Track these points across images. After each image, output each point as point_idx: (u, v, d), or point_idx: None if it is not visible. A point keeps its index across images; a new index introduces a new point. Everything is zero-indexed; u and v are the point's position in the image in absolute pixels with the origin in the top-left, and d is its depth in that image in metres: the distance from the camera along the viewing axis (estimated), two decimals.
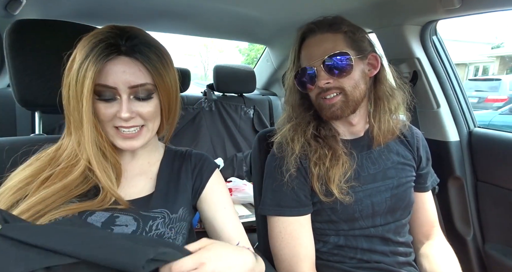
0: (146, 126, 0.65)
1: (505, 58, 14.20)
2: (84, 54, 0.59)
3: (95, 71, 0.57)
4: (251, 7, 1.31)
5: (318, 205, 0.88)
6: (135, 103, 0.62)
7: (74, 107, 0.60)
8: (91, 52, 0.58)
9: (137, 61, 0.62)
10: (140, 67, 0.62)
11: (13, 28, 0.79)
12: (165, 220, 0.68)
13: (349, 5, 1.14)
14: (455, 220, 1.28)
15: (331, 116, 0.87)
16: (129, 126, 0.62)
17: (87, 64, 0.58)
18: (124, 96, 0.61)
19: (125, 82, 0.60)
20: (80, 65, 0.58)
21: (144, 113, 0.63)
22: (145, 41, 0.64)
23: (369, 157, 0.92)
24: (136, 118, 0.63)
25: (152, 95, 0.64)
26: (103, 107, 0.61)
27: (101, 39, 0.60)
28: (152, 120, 0.65)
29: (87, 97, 0.58)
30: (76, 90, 0.59)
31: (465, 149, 1.26)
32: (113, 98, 0.61)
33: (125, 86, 0.60)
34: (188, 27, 1.71)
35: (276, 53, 2.12)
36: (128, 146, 0.64)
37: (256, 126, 2.10)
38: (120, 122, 0.62)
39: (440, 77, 1.25)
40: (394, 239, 0.90)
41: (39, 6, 1.25)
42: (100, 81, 0.59)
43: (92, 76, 0.57)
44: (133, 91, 0.62)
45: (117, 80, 0.60)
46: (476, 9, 0.99)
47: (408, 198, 0.92)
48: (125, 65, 0.61)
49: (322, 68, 0.83)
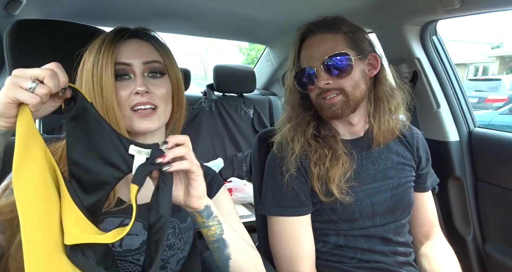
0: (159, 107, 0.65)
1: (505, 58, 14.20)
2: (99, 43, 0.62)
3: (113, 52, 0.61)
4: (251, 7, 1.31)
5: (318, 205, 0.88)
6: (149, 81, 0.64)
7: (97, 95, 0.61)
8: (105, 38, 0.62)
9: (148, 42, 0.67)
10: (151, 47, 0.67)
11: (13, 28, 0.79)
12: (175, 230, 0.68)
13: (349, 5, 1.14)
14: (455, 220, 1.28)
15: (331, 115, 0.87)
16: (144, 101, 0.63)
17: (103, 49, 0.61)
18: (138, 71, 0.63)
19: (140, 58, 0.63)
20: (96, 54, 0.61)
21: (158, 93, 0.64)
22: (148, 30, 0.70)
23: (369, 157, 0.92)
24: (151, 95, 0.64)
25: (164, 75, 0.67)
26: (119, 88, 0.62)
27: (112, 30, 0.65)
28: (164, 102, 0.66)
29: (110, 77, 0.60)
30: (98, 75, 0.60)
31: (465, 149, 1.26)
32: (127, 76, 0.63)
33: (139, 62, 0.63)
34: (188, 27, 1.71)
35: (276, 53, 2.12)
36: (145, 127, 0.64)
37: (256, 126, 2.10)
38: (136, 99, 0.62)
39: (440, 77, 1.25)
40: (394, 239, 0.90)
41: (39, 6, 1.25)
42: (116, 60, 0.62)
43: (112, 56, 0.61)
44: (146, 68, 0.64)
45: (131, 56, 0.63)
46: (476, 9, 0.99)
47: (408, 198, 0.92)
48: (138, 44, 0.65)
49: (322, 68, 0.83)
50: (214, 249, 0.62)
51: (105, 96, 0.60)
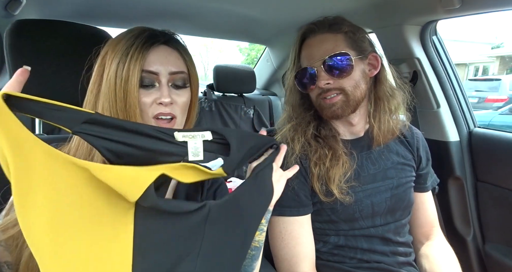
0: (177, 118, 0.65)
1: (505, 58, 14.21)
2: (126, 46, 0.60)
3: (142, 59, 0.60)
4: (251, 7, 1.31)
5: (318, 205, 0.88)
6: (172, 91, 0.64)
7: (119, 99, 0.60)
8: (135, 41, 0.61)
9: (176, 51, 0.66)
10: (178, 56, 0.66)
11: (13, 28, 0.79)
12: None
13: (349, 5, 1.14)
14: (455, 220, 1.28)
15: (331, 115, 0.87)
16: (167, 112, 0.63)
17: (131, 53, 0.59)
18: (164, 81, 0.62)
19: (167, 68, 0.63)
20: (122, 56, 0.60)
21: (179, 103, 0.64)
22: (176, 37, 0.69)
23: (369, 157, 0.92)
24: (173, 106, 0.64)
25: (187, 85, 0.67)
26: (143, 95, 0.61)
27: (140, 32, 0.63)
28: (183, 112, 0.66)
29: (135, 84, 0.59)
30: (122, 80, 0.59)
31: (465, 149, 1.26)
32: (152, 85, 0.62)
33: (166, 72, 0.62)
34: (188, 27, 1.71)
35: (276, 53, 2.11)
36: None
37: (256, 126, 2.10)
38: (159, 109, 0.62)
39: (440, 77, 1.25)
40: (394, 239, 0.90)
41: (39, 6, 1.25)
42: (144, 67, 0.61)
43: (140, 63, 0.59)
44: (172, 78, 0.64)
45: (159, 66, 0.62)
46: (476, 9, 0.99)
47: (408, 199, 0.92)
48: (167, 53, 0.64)
49: (322, 68, 0.83)
50: (249, 256, 0.60)
51: (128, 102, 0.59)
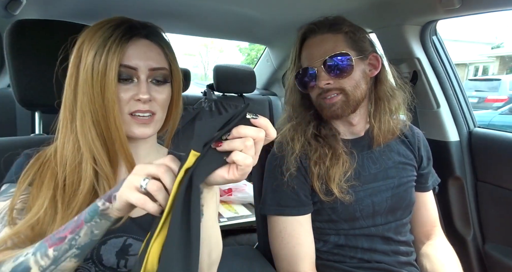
0: (157, 114, 0.63)
1: (505, 58, 14.21)
2: (103, 37, 0.57)
3: (120, 52, 0.57)
4: (251, 7, 1.31)
5: (318, 204, 0.88)
6: (151, 87, 0.61)
7: (97, 94, 0.57)
8: (113, 33, 0.57)
9: (157, 45, 0.63)
10: (159, 51, 0.63)
11: (13, 28, 0.79)
12: None
13: (349, 5, 1.14)
14: (455, 220, 1.28)
15: (331, 115, 0.87)
16: (145, 109, 0.60)
17: (109, 45, 0.56)
18: (143, 77, 0.60)
19: (147, 63, 0.60)
20: (99, 48, 0.56)
21: (158, 99, 0.62)
22: (159, 30, 0.65)
23: (370, 156, 0.92)
24: (152, 103, 0.61)
25: (168, 81, 0.64)
26: (120, 90, 0.59)
27: (119, 23, 0.60)
28: (163, 109, 0.64)
29: (113, 79, 0.56)
30: (99, 74, 0.56)
31: (465, 149, 1.26)
32: (130, 79, 0.60)
33: (145, 68, 0.60)
34: (188, 27, 1.71)
35: (276, 53, 2.11)
36: (141, 133, 0.62)
37: None
38: (137, 106, 0.60)
39: (440, 77, 1.25)
40: (395, 238, 0.90)
41: (39, 6, 1.25)
42: (122, 62, 0.58)
43: (118, 56, 0.56)
44: (151, 74, 0.61)
45: (138, 61, 0.59)
46: (476, 9, 0.99)
47: (409, 198, 0.92)
48: (147, 47, 0.61)
49: (322, 68, 0.83)
50: None
51: (106, 97, 0.57)
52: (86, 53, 0.57)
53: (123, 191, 0.45)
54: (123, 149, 0.60)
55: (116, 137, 0.59)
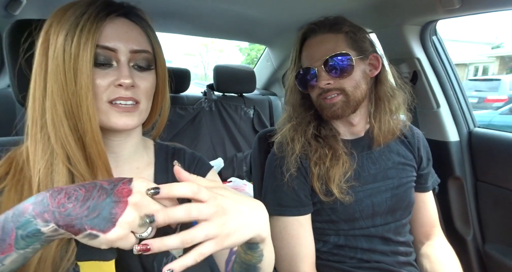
0: (141, 103, 0.56)
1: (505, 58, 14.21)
2: (75, 15, 0.49)
3: (95, 31, 0.49)
4: (251, 7, 1.31)
5: (318, 205, 0.88)
6: (134, 73, 0.54)
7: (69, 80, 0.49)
8: (87, 10, 0.50)
9: (138, 26, 0.56)
10: (141, 32, 0.56)
11: (13, 28, 0.78)
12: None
13: (349, 5, 1.14)
14: (455, 220, 1.28)
15: (331, 115, 0.87)
16: (127, 97, 0.53)
17: (82, 24, 0.48)
18: (124, 60, 0.53)
19: (127, 45, 0.53)
20: (70, 27, 0.48)
21: (142, 87, 0.55)
22: (139, 12, 0.58)
23: (370, 157, 0.92)
24: (135, 90, 0.54)
25: (152, 67, 0.57)
26: (97, 76, 0.51)
27: (93, 0, 0.52)
28: (147, 98, 0.57)
29: (88, 61, 0.48)
30: (72, 57, 0.48)
31: (465, 149, 1.26)
32: (109, 64, 0.52)
33: (126, 49, 0.53)
34: (188, 27, 1.71)
35: (276, 53, 2.12)
36: (123, 123, 0.54)
37: (256, 126, 2.10)
38: (118, 92, 0.52)
39: (440, 77, 1.25)
40: (395, 239, 0.90)
41: (39, 6, 1.25)
42: (99, 42, 0.50)
43: (94, 37, 0.49)
44: (133, 57, 0.54)
45: (118, 42, 0.52)
46: (476, 9, 0.99)
47: (409, 198, 0.92)
48: (127, 27, 0.54)
49: (323, 68, 0.83)
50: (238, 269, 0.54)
51: (79, 83, 0.49)
52: (55, 36, 0.49)
53: (114, 233, 0.35)
54: (94, 143, 0.51)
55: (88, 128, 0.50)
